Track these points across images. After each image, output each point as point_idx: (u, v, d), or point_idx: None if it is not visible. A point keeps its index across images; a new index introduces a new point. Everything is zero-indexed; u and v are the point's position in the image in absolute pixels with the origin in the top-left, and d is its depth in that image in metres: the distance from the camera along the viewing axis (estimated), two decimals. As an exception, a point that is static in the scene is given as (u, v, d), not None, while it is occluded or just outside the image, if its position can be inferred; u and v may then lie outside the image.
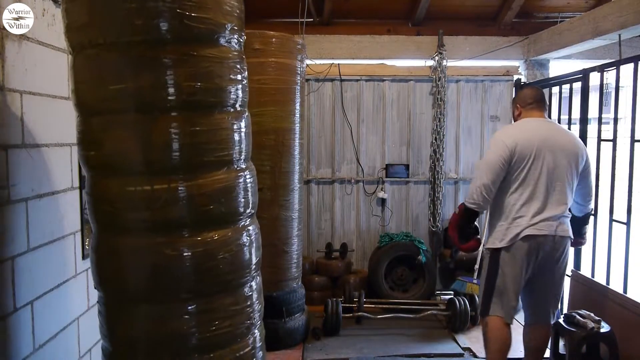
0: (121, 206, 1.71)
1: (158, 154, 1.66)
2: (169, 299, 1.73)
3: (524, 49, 4.73)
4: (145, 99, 1.64)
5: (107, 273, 1.80)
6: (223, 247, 1.77)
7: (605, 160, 3.41)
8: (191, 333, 1.74)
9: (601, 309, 3.06)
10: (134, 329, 1.77)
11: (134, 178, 1.68)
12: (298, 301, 3.65)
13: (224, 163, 1.78)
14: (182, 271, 1.71)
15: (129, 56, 1.63)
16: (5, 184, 1.99)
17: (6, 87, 2.00)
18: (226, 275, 1.79)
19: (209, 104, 1.73)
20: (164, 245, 1.70)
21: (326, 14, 4.60)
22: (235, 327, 1.82)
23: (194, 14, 1.63)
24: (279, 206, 3.50)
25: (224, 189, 1.77)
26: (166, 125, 1.66)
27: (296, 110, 3.58)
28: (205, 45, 1.69)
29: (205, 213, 1.73)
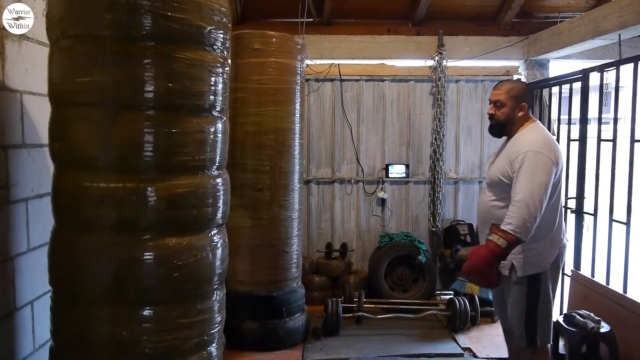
0: (81, 202, 1.65)
1: (121, 151, 1.62)
2: (121, 302, 1.66)
3: (524, 49, 4.73)
4: (112, 94, 1.60)
5: (62, 269, 1.74)
6: (182, 254, 1.69)
7: (605, 160, 3.41)
8: (139, 341, 1.65)
9: (601, 309, 3.05)
10: (82, 329, 1.70)
11: (96, 174, 1.63)
12: (298, 301, 3.65)
13: (192, 168, 1.72)
14: (140, 274, 1.64)
15: (99, 50, 1.59)
16: (5, 184, 1.99)
17: (6, 87, 2.00)
18: (183, 284, 1.70)
19: (180, 106, 1.67)
20: (122, 246, 1.64)
21: (326, 14, 4.59)
22: (182, 340, 1.71)
23: (171, 13, 1.59)
24: (279, 206, 3.50)
25: (190, 194, 1.70)
26: (132, 123, 1.61)
27: (296, 110, 3.58)
28: (180, 47, 1.65)
29: (167, 217, 1.66)
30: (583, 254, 3.75)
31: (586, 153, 3.68)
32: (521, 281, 2.37)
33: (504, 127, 2.45)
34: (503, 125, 2.45)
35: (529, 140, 2.31)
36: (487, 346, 3.63)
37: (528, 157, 2.24)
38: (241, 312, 3.47)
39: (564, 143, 3.95)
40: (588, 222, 3.69)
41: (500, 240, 2.18)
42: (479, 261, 2.24)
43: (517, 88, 2.44)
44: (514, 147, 2.36)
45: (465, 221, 4.74)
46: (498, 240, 2.18)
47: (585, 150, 3.67)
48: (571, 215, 3.79)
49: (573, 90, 3.92)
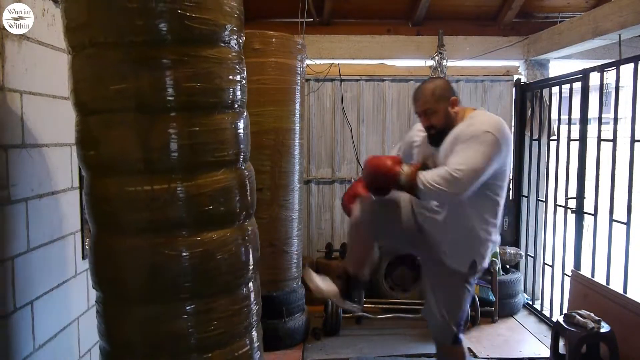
0: (119, 206, 1.70)
1: (157, 154, 1.66)
2: (166, 300, 1.73)
3: (524, 49, 4.73)
4: (145, 99, 1.64)
5: (106, 273, 1.80)
6: (221, 247, 1.77)
7: (605, 160, 3.41)
8: (189, 333, 1.73)
9: (601, 309, 3.06)
10: (132, 329, 1.77)
11: (133, 178, 1.68)
12: (298, 301, 3.65)
13: (222, 163, 1.78)
14: (180, 271, 1.71)
15: (130, 56, 1.63)
16: (5, 184, 1.99)
17: (6, 87, 2.00)
18: (224, 275, 1.78)
19: (209, 104, 1.72)
20: (162, 245, 1.69)
21: (326, 14, 4.59)
22: (233, 327, 1.81)
23: (195, 14, 1.63)
24: (279, 206, 3.50)
25: (222, 189, 1.76)
26: (165, 125, 1.66)
27: (296, 110, 3.58)
28: (205, 46, 1.69)
29: (204, 213, 1.73)
30: (583, 254, 3.75)
31: (586, 153, 3.68)
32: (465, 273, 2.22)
33: (446, 131, 2.18)
34: (444, 131, 2.18)
35: (478, 124, 2.09)
36: (487, 346, 3.63)
37: (481, 135, 2.03)
38: (241, 312, 3.47)
39: (564, 143, 3.95)
40: (588, 222, 3.69)
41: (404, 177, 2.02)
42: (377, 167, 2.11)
43: (439, 86, 2.22)
44: (457, 134, 2.11)
45: (465, 221, 4.74)
46: (402, 175, 2.02)
47: (585, 150, 3.68)
48: (571, 215, 3.79)
49: (573, 90, 3.92)
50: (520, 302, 4.33)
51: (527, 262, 4.53)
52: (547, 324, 4.00)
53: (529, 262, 4.52)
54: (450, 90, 2.24)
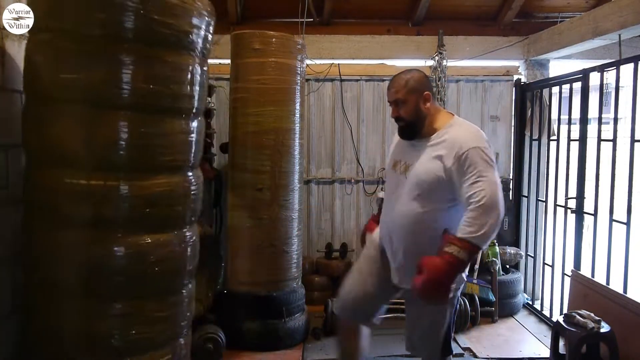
0: (59, 198, 1.67)
1: (99, 149, 1.63)
2: (96, 297, 1.69)
3: (524, 49, 4.73)
4: (95, 93, 1.61)
5: (35, 263, 1.75)
6: (155, 251, 1.72)
7: (605, 160, 3.41)
8: (110, 334, 1.68)
9: (601, 309, 3.05)
10: (55, 324, 1.72)
11: (71, 170, 1.64)
12: (298, 301, 3.65)
13: (167, 168, 1.74)
14: (111, 270, 1.67)
15: (85, 48, 1.60)
16: (5, 184, 1.99)
17: (6, 87, 2.00)
18: (156, 280, 1.73)
19: (161, 108, 1.69)
20: (98, 242, 1.66)
21: (326, 14, 4.59)
22: (156, 334, 1.76)
23: (159, 17, 1.61)
24: (279, 206, 3.50)
25: (164, 194, 1.72)
26: (113, 122, 1.62)
27: (296, 110, 3.58)
28: (165, 50, 1.66)
29: (143, 215, 1.69)
30: (583, 254, 3.75)
31: (586, 153, 3.68)
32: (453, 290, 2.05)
33: (415, 126, 2.10)
34: (414, 124, 2.10)
35: (467, 136, 2.00)
36: (487, 346, 3.63)
37: (477, 155, 1.93)
38: (241, 312, 3.47)
39: (564, 143, 3.95)
40: (588, 222, 3.69)
41: (461, 252, 1.82)
42: (437, 275, 1.84)
43: (414, 78, 2.11)
44: (447, 144, 2.00)
45: (465, 221, 4.73)
46: (459, 253, 1.82)
47: (585, 150, 3.67)
48: (571, 215, 3.79)
49: (573, 90, 3.92)
50: (520, 302, 4.33)
51: (527, 262, 4.53)
52: (547, 324, 4.00)
53: (529, 262, 4.52)
54: (424, 85, 2.12)
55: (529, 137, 4.57)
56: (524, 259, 4.51)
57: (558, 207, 4.07)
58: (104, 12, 1.58)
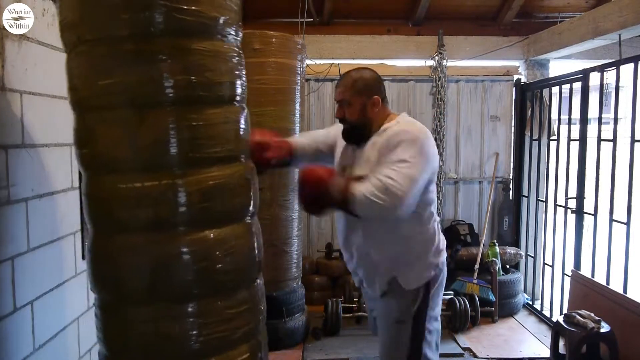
0: (116, 204, 1.66)
1: (147, 150, 1.62)
2: (163, 300, 1.67)
3: (524, 49, 4.73)
4: (133, 94, 1.60)
5: (103, 274, 1.75)
6: (221, 246, 1.71)
7: (605, 160, 3.41)
8: (188, 336, 1.67)
9: (601, 309, 3.06)
10: (130, 332, 1.72)
11: (128, 175, 1.64)
12: (298, 301, 3.65)
13: (220, 159, 1.72)
14: (178, 271, 1.65)
15: (116, 51, 1.59)
16: (5, 184, 1.99)
17: (6, 87, 2.00)
18: (224, 275, 1.72)
19: (202, 98, 1.67)
20: (160, 243, 1.64)
21: (326, 14, 4.59)
22: (231, 332, 1.73)
23: (183, 6, 1.58)
24: (279, 206, 3.50)
25: (220, 185, 1.71)
26: (157, 120, 1.61)
27: (296, 110, 3.58)
28: (196, 39, 1.64)
29: (202, 210, 1.67)
30: (583, 254, 3.75)
31: (586, 153, 3.68)
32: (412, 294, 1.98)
33: (359, 130, 1.96)
34: (358, 129, 1.96)
35: (407, 127, 1.90)
36: (487, 346, 3.63)
37: (412, 142, 1.82)
38: (241, 312, 3.47)
39: (564, 143, 3.95)
40: (588, 222, 3.69)
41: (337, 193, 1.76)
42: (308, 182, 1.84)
43: (363, 79, 1.98)
44: (385, 138, 1.88)
45: (465, 221, 4.74)
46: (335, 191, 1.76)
47: (585, 150, 3.68)
48: (571, 215, 3.80)
49: (573, 90, 3.92)
50: (520, 302, 4.33)
51: (527, 262, 4.53)
52: (547, 324, 4.00)
53: (529, 262, 4.53)
54: (374, 87, 1.98)
55: (529, 137, 4.58)
56: (524, 259, 4.51)
57: (558, 207, 4.07)
58: (131, 12, 1.58)
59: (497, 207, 4.78)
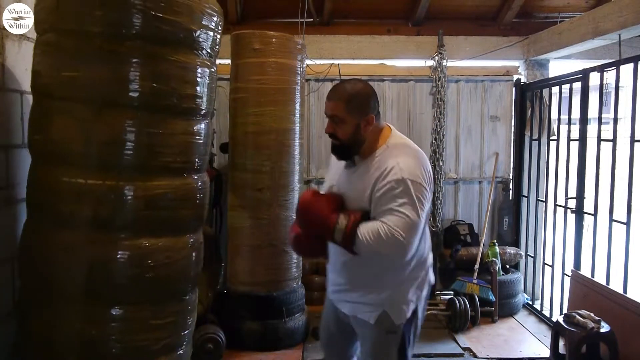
0: (57, 197, 1.63)
1: (98, 148, 1.60)
2: (92, 301, 1.64)
3: (524, 49, 4.73)
4: (97, 91, 1.58)
5: (33, 264, 1.71)
6: (157, 256, 1.67)
7: (605, 160, 3.41)
8: (108, 340, 1.64)
9: (601, 309, 3.05)
10: (50, 326, 1.68)
11: (75, 170, 1.61)
12: (298, 301, 3.65)
13: (173, 170, 1.70)
14: (111, 273, 1.62)
15: (86, 45, 1.58)
16: (5, 184, 1.99)
17: (6, 87, 2.00)
18: (155, 286, 1.68)
19: (165, 107, 1.65)
20: (97, 244, 1.62)
21: (326, 14, 4.59)
22: (153, 342, 1.70)
23: (162, 14, 1.58)
24: (279, 206, 3.50)
25: (169, 196, 1.68)
26: (114, 121, 1.59)
27: (296, 110, 3.58)
28: (168, 48, 1.63)
29: (145, 218, 1.65)
30: (583, 254, 3.75)
31: (586, 153, 3.68)
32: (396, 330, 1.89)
33: (350, 149, 1.85)
34: (348, 147, 1.84)
35: (401, 165, 1.74)
36: (487, 346, 3.63)
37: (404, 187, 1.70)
38: (241, 312, 3.47)
39: (564, 143, 3.95)
40: (588, 222, 3.69)
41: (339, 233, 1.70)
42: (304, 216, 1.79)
43: (359, 96, 1.82)
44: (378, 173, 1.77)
45: (465, 221, 4.74)
46: (336, 231, 1.70)
47: (585, 150, 3.68)
48: (571, 215, 3.79)
49: (573, 90, 3.92)
50: (520, 302, 4.33)
51: (527, 262, 4.53)
52: (547, 324, 4.00)
53: (529, 262, 4.52)
54: (369, 106, 1.84)
55: (528, 137, 4.58)
56: (524, 259, 4.51)
57: (558, 207, 4.07)
58: (106, 10, 1.56)
59: (497, 207, 4.78)
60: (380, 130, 1.88)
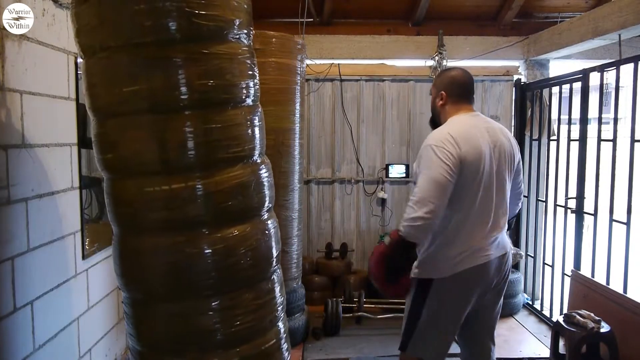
0: (140, 207, 1.71)
1: (172, 153, 1.67)
2: (191, 297, 1.74)
3: (524, 49, 4.73)
4: (159, 100, 1.64)
5: (131, 274, 1.81)
6: (243, 242, 1.77)
7: (605, 160, 3.41)
8: (215, 329, 1.74)
9: (601, 309, 3.06)
10: (159, 327, 1.79)
11: (151, 178, 1.69)
12: (298, 301, 3.65)
13: (239, 159, 1.78)
14: (204, 268, 1.71)
15: (140, 57, 1.63)
16: (5, 184, 1.99)
17: (6, 87, 2.00)
18: (247, 270, 1.79)
19: (222, 100, 1.73)
20: (184, 243, 1.70)
21: (326, 14, 4.60)
22: (258, 321, 1.82)
23: (202, 11, 1.63)
24: (279, 206, 3.49)
25: (240, 184, 1.76)
26: (179, 124, 1.66)
27: (296, 110, 3.58)
28: (214, 43, 1.69)
29: (224, 210, 1.73)
30: (583, 254, 3.75)
31: (586, 153, 3.68)
32: (413, 283, 2.13)
33: (435, 118, 2.28)
34: (434, 116, 2.29)
35: (431, 135, 2.07)
36: (487, 346, 3.63)
37: (423, 153, 2.01)
38: (241, 312, 3.47)
39: (564, 143, 3.95)
40: (588, 222, 3.69)
41: (388, 238, 2.02)
42: (371, 261, 2.10)
43: (438, 75, 2.32)
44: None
45: (465, 221, 4.74)
46: (387, 240, 2.02)
47: (585, 150, 3.68)
48: (571, 215, 3.79)
49: (573, 90, 3.92)
50: (520, 302, 4.33)
51: (527, 262, 4.53)
52: (547, 324, 4.00)
53: (529, 262, 4.53)
54: (445, 83, 2.23)
55: (529, 137, 4.58)
56: (524, 259, 4.51)
57: (558, 207, 4.08)
58: (154, 19, 1.60)
59: (497, 207, 4.78)
60: (453, 112, 2.20)
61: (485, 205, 2.07)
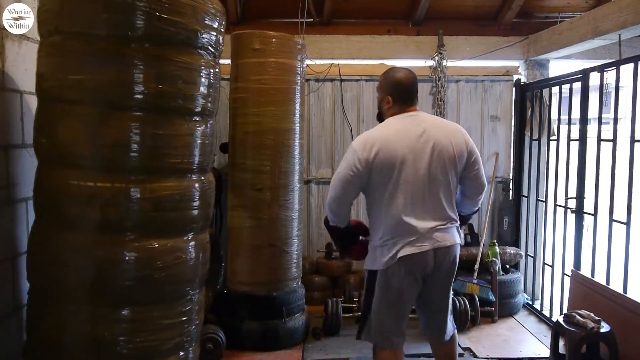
0: (66, 200, 1.64)
1: (105, 151, 1.61)
2: (102, 302, 1.65)
3: (524, 49, 4.73)
4: (103, 94, 1.59)
5: (43, 267, 1.72)
6: (161, 257, 1.68)
7: (605, 160, 3.41)
8: (117, 341, 1.65)
9: (601, 309, 3.06)
10: (59, 328, 1.69)
11: (78, 172, 1.62)
12: (298, 301, 3.65)
13: (179, 171, 1.71)
14: (118, 275, 1.63)
15: (92, 48, 1.58)
16: (5, 184, 1.99)
17: (6, 87, 2.01)
18: (161, 286, 1.70)
19: (169, 108, 1.66)
20: (105, 245, 1.63)
21: (326, 14, 4.59)
22: (161, 342, 1.71)
23: (165, 15, 1.59)
24: (279, 206, 3.50)
25: (175, 197, 1.69)
26: (119, 123, 1.60)
27: (296, 110, 3.58)
28: (173, 49, 1.64)
29: (153, 219, 1.66)
30: (583, 254, 3.75)
31: (586, 153, 3.68)
32: (365, 273, 2.40)
33: (380, 115, 2.47)
34: (380, 114, 2.48)
35: (357, 137, 2.34)
36: (487, 346, 3.63)
37: (347, 152, 2.29)
38: (241, 312, 3.47)
39: (564, 143, 3.95)
40: (588, 222, 3.69)
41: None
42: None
43: (382, 78, 2.48)
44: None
45: (465, 221, 4.74)
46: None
47: (585, 150, 3.68)
48: (571, 215, 3.79)
49: (573, 90, 3.92)
50: (520, 302, 4.33)
51: (527, 262, 4.53)
52: (547, 324, 4.00)
53: (529, 262, 4.53)
54: (391, 87, 2.39)
55: (529, 137, 4.58)
56: (524, 259, 4.51)
57: (558, 207, 4.07)
58: (111, 13, 1.57)
59: (497, 207, 4.78)
60: (394, 114, 2.36)
61: (414, 201, 2.20)
